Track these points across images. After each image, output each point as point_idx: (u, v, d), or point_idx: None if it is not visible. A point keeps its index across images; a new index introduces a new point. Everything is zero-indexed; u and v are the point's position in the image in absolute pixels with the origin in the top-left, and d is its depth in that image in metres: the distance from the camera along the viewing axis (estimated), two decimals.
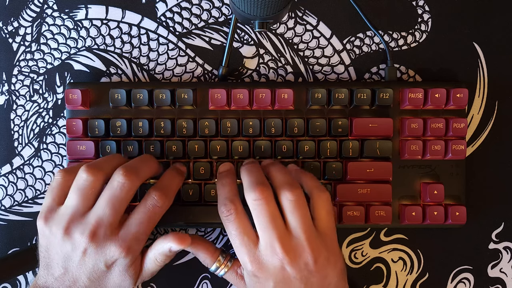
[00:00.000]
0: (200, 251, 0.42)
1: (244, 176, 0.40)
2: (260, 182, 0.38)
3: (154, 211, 0.39)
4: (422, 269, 0.49)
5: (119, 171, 0.38)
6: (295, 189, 0.38)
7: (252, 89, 0.46)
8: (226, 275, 0.42)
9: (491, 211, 0.49)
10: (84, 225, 0.37)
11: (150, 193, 0.40)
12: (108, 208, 0.38)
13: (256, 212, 0.38)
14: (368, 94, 0.46)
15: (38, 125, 0.49)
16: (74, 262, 0.38)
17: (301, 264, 0.37)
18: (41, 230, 0.39)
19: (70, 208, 0.38)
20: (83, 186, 0.38)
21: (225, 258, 0.42)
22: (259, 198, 0.37)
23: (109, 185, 0.39)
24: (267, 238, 0.37)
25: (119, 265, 0.38)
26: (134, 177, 0.39)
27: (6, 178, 0.49)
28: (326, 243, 0.38)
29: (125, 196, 0.38)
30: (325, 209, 0.39)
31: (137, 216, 0.39)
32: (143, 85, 0.46)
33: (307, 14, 0.49)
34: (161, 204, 0.39)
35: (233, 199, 0.39)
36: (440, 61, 0.49)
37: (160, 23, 0.49)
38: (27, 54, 0.49)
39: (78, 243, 0.37)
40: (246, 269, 0.38)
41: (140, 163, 0.41)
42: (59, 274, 0.38)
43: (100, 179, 0.39)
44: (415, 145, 0.46)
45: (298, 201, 0.38)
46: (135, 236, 0.38)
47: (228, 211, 0.38)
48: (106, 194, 0.38)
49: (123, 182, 0.38)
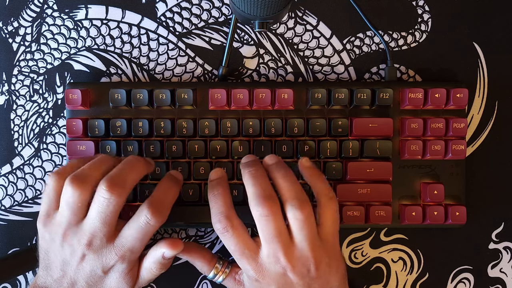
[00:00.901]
0: (197, 259, 0.42)
1: (248, 183, 0.38)
2: (268, 196, 0.37)
3: (146, 229, 0.38)
4: (422, 269, 0.49)
5: (103, 185, 0.37)
6: (304, 207, 0.37)
7: (252, 89, 0.46)
8: (224, 281, 0.42)
9: (491, 211, 0.49)
10: (80, 234, 0.37)
11: (143, 209, 0.38)
12: (99, 223, 0.37)
13: (262, 226, 0.37)
14: (368, 94, 0.46)
15: (38, 125, 0.49)
16: (72, 266, 0.38)
17: (303, 271, 0.36)
18: (41, 233, 0.39)
19: (64, 218, 0.38)
20: (71, 201, 0.37)
21: (223, 265, 0.42)
22: (266, 214, 0.36)
23: (96, 199, 0.37)
24: (271, 250, 0.37)
25: (116, 270, 0.38)
26: (120, 190, 0.37)
27: (6, 178, 0.49)
28: (328, 249, 0.38)
29: (113, 210, 0.37)
30: (331, 219, 0.38)
31: (130, 232, 0.38)
32: (143, 85, 0.46)
33: (307, 14, 0.49)
34: (154, 222, 0.37)
35: (228, 214, 0.38)
36: (440, 61, 0.49)
37: (160, 23, 0.49)
38: (27, 54, 0.49)
39: (76, 250, 0.37)
40: (248, 275, 0.38)
41: (126, 169, 0.39)
42: (58, 276, 0.38)
43: (87, 191, 0.37)
44: (415, 145, 0.46)
45: (306, 220, 0.37)
46: (129, 249, 0.38)
47: (223, 228, 0.37)
48: (95, 209, 0.37)
49: (108, 198, 0.36)
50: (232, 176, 0.46)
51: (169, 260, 0.40)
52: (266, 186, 0.38)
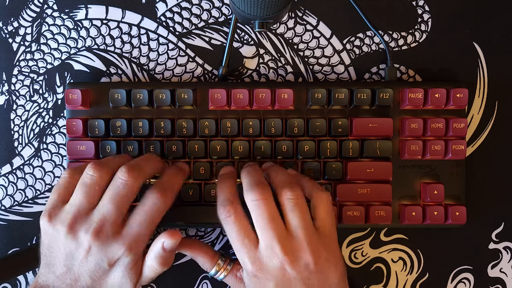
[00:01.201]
0: (199, 255, 0.42)
1: (243, 177, 0.40)
2: (259, 182, 0.38)
3: (154, 211, 0.39)
4: (422, 269, 0.49)
5: (122, 169, 0.39)
6: (295, 188, 0.38)
7: (252, 89, 0.46)
8: (226, 278, 0.42)
9: (491, 211, 0.49)
10: (88, 223, 0.38)
11: (150, 192, 0.39)
12: (112, 205, 0.38)
13: (255, 213, 0.37)
14: (368, 94, 0.46)
15: (38, 125, 0.49)
16: (77, 260, 0.38)
17: (301, 265, 0.37)
18: (44, 228, 0.39)
19: (74, 206, 0.38)
20: (89, 183, 0.38)
21: (225, 262, 0.42)
22: (258, 198, 0.37)
23: (112, 183, 0.39)
24: (266, 239, 0.37)
25: (121, 264, 0.38)
26: (136, 174, 0.39)
27: (6, 178, 0.49)
28: (326, 244, 0.38)
29: (128, 193, 0.38)
30: (325, 209, 0.39)
31: (138, 216, 0.39)
32: (143, 85, 0.46)
33: (307, 14, 0.49)
34: (162, 203, 0.39)
35: (232, 200, 0.39)
36: (440, 61, 0.49)
37: (160, 23, 0.49)
38: (27, 54, 0.49)
39: (82, 241, 0.37)
40: (246, 270, 0.38)
41: (144, 161, 0.41)
42: (61, 272, 0.38)
43: (106, 176, 0.39)
44: (415, 145, 0.46)
45: (298, 199, 0.38)
46: (136, 236, 0.38)
47: (227, 212, 0.38)
48: (110, 192, 0.38)
49: (126, 180, 0.38)
50: None
51: (170, 253, 0.40)
52: (258, 176, 0.40)
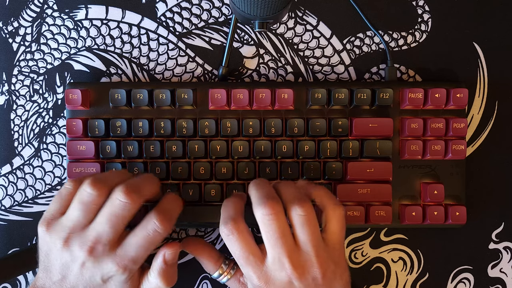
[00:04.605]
0: (203, 257, 0.42)
1: (252, 190, 0.39)
2: (270, 197, 0.37)
3: (153, 237, 0.38)
4: (422, 269, 0.49)
5: (121, 189, 0.37)
6: (305, 204, 0.37)
7: (252, 89, 0.46)
8: (228, 282, 0.42)
9: (491, 211, 0.49)
10: (83, 239, 0.37)
11: (151, 216, 0.38)
12: (108, 226, 0.37)
13: (265, 228, 0.37)
14: (368, 94, 0.46)
15: (38, 125, 0.49)
16: (72, 271, 0.38)
17: (309, 279, 0.36)
18: (42, 236, 0.38)
19: (71, 222, 0.38)
20: (86, 200, 0.37)
21: (228, 266, 0.42)
22: (269, 213, 0.36)
23: (109, 202, 0.37)
24: (276, 254, 0.36)
25: (115, 280, 0.38)
26: (135, 196, 0.37)
27: (6, 178, 0.49)
28: (334, 257, 0.38)
29: (126, 215, 0.37)
30: (338, 225, 0.38)
31: (136, 239, 0.38)
32: (143, 85, 0.46)
33: (307, 14, 0.49)
34: (162, 230, 0.38)
35: (235, 217, 0.38)
36: (440, 61, 0.49)
37: (160, 23, 0.49)
38: (27, 54, 0.49)
39: (76, 256, 0.37)
40: (252, 283, 0.38)
41: (143, 181, 0.40)
42: (57, 279, 0.38)
43: (104, 194, 0.38)
44: (415, 145, 0.46)
45: (308, 216, 0.37)
46: (132, 258, 0.38)
47: (229, 231, 0.37)
48: (107, 211, 0.37)
49: (124, 201, 0.37)
50: (232, 176, 0.46)
51: (172, 268, 0.40)
52: (268, 189, 0.38)
